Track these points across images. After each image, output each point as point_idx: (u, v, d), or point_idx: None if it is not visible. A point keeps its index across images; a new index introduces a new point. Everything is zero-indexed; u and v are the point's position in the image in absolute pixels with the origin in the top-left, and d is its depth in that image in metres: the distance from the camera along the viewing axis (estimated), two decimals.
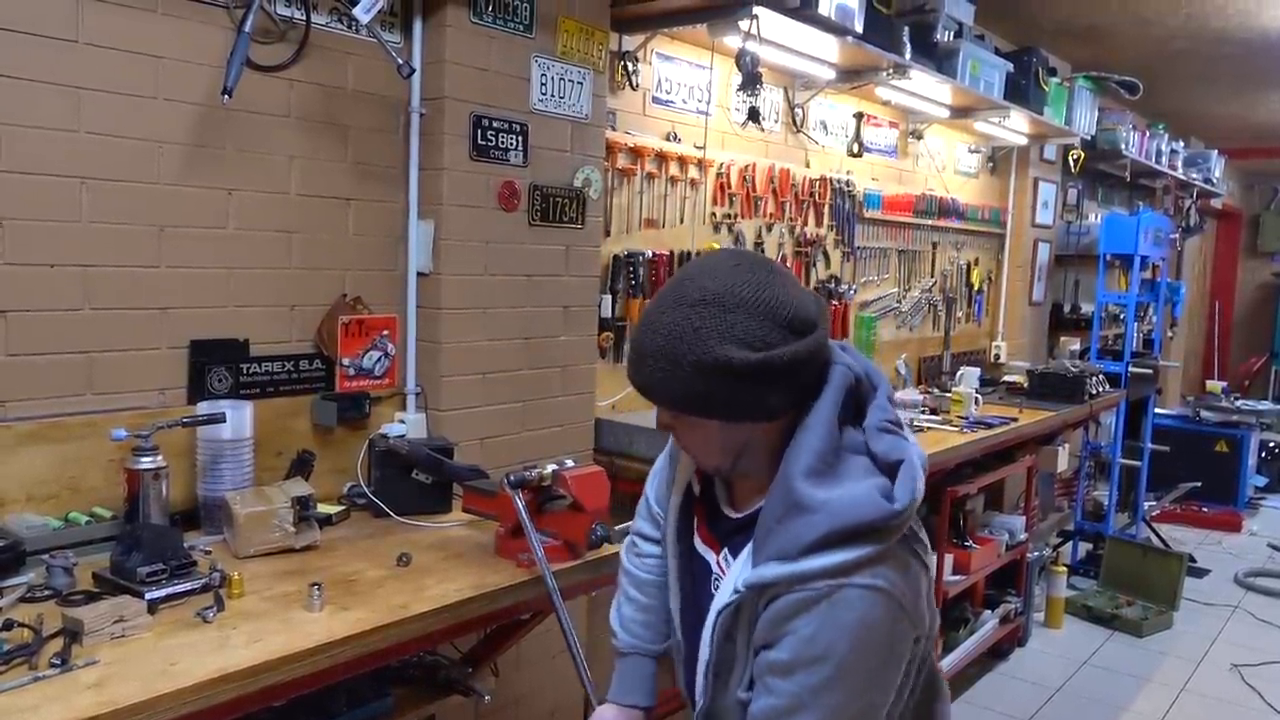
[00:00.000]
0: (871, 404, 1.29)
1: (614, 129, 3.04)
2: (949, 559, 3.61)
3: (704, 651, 1.34)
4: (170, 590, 1.62)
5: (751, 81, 2.98)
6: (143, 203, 2.00)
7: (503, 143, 2.55)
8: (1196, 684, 4.09)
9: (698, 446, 1.33)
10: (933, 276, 4.93)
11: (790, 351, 1.22)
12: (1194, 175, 7.59)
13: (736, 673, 1.31)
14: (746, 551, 1.28)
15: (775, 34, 2.98)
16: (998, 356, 5.50)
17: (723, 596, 1.30)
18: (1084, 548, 5.60)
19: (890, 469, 1.23)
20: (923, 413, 3.96)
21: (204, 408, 2.04)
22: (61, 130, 1.88)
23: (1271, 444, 7.76)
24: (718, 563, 1.37)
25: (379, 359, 2.45)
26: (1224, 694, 4.00)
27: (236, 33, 2.04)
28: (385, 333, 2.45)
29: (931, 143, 4.75)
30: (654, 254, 3.23)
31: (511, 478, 1.83)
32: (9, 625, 1.45)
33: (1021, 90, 4.57)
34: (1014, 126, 4.79)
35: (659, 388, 1.26)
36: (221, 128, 2.11)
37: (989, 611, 4.13)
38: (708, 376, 1.22)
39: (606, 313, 3.07)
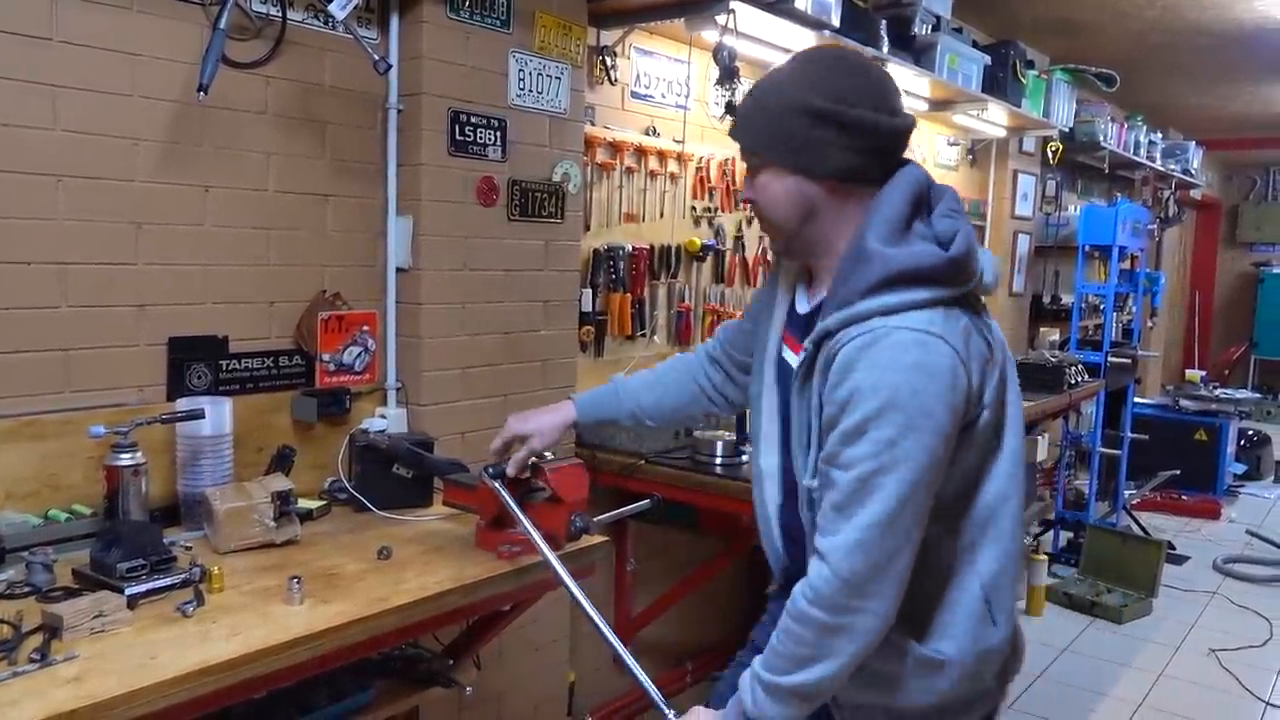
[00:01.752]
0: (940, 202, 1.42)
1: (593, 124, 3.05)
2: None
3: (777, 433, 1.48)
4: (150, 585, 1.63)
5: (729, 76, 3.00)
6: (120, 200, 2.01)
7: (481, 138, 2.56)
8: (1174, 669, 4.14)
9: (770, 207, 1.44)
10: None
11: (865, 114, 1.36)
12: (1172, 166, 7.65)
13: (807, 456, 1.39)
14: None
15: (752, 28, 3.00)
16: None
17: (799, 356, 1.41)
18: (1065, 536, 5.65)
19: (948, 239, 1.35)
20: None
21: (183, 404, 2.04)
22: (37, 128, 1.88)
23: (1250, 432, 7.85)
24: (797, 354, 1.46)
25: (359, 354, 2.46)
26: (1201, 678, 4.06)
27: (212, 29, 2.04)
28: (365, 328, 2.46)
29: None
30: (634, 248, 3.24)
31: (490, 470, 1.84)
32: None
33: (999, 83, 4.60)
34: (992, 119, 4.82)
35: (743, 127, 1.45)
36: (198, 125, 2.11)
37: None
38: (785, 114, 1.38)
39: (587, 307, 3.09)
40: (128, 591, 1.59)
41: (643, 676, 1.56)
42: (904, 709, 1.43)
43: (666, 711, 1.50)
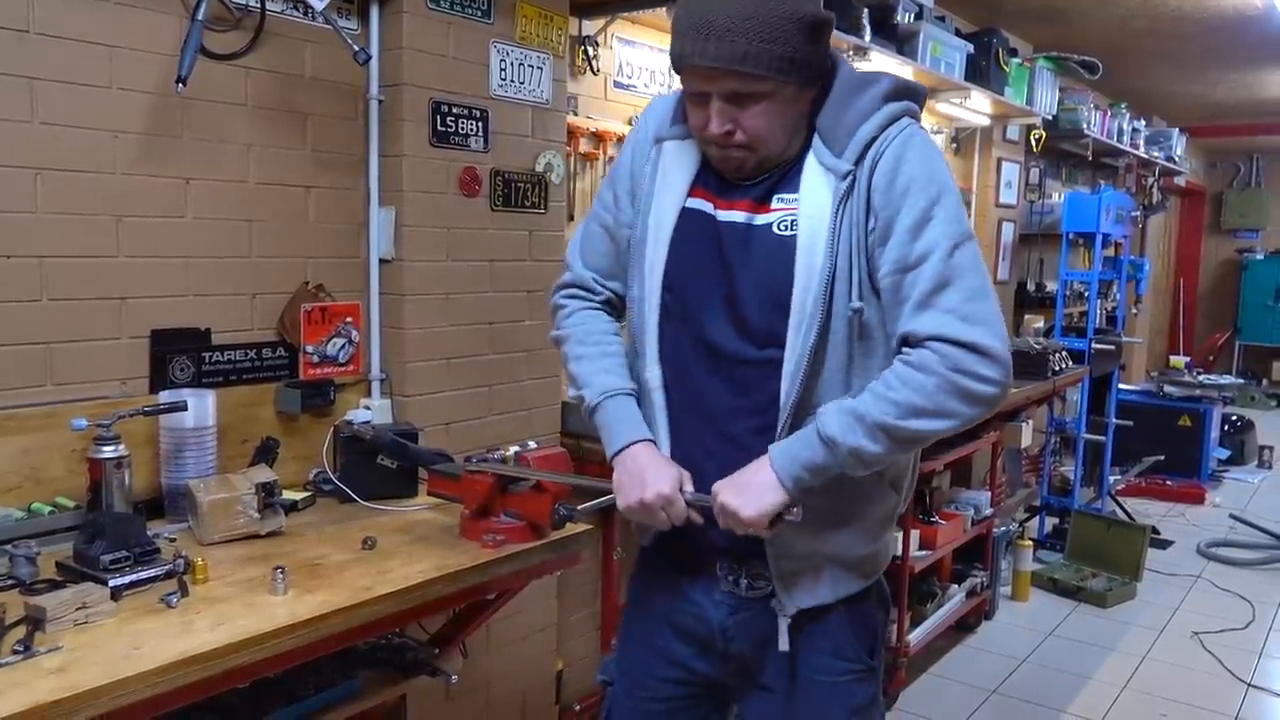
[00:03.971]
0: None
1: (575, 114, 3.05)
2: (915, 535, 3.67)
3: (816, 269, 1.40)
4: (134, 577, 1.63)
5: None
6: (99, 193, 2.00)
7: (463, 128, 2.56)
8: (1158, 652, 4.18)
9: (763, 130, 1.41)
10: None
11: (831, 13, 1.42)
12: (1156, 153, 7.69)
13: (845, 279, 1.40)
14: (809, 166, 1.43)
15: None
16: None
17: (817, 202, 1.41)
18: (1050, 522, 5.69)
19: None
20: None
21: (166, 397, 2.04)
22: (14, 121, 1.87)
23: (1234, 417, 7.90)
24: (771, 210, 1.46)
25: (343, 346, 2.46)
26: (1185, 661, 4.10)
27: (190, 21, 2.04)
28: (349, 320, 2.46)
29: None
30: None
31: (474, 459, 1.85)
32: None
33: (982, 71, 4.62)
34: (976, 107, 4.84)
35: (755, 53, 1.33)
36: (178, 117, 2.11)
37: (956, 586, 4.20)
38: (802, 35, 1.35)
39: None
40: (112, 583, 1.59)
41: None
42: (849, 557, 1.54)
43: (708, 498, 1.45)
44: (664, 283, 1.53)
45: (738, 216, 1.48)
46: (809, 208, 1.42)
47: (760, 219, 1.47)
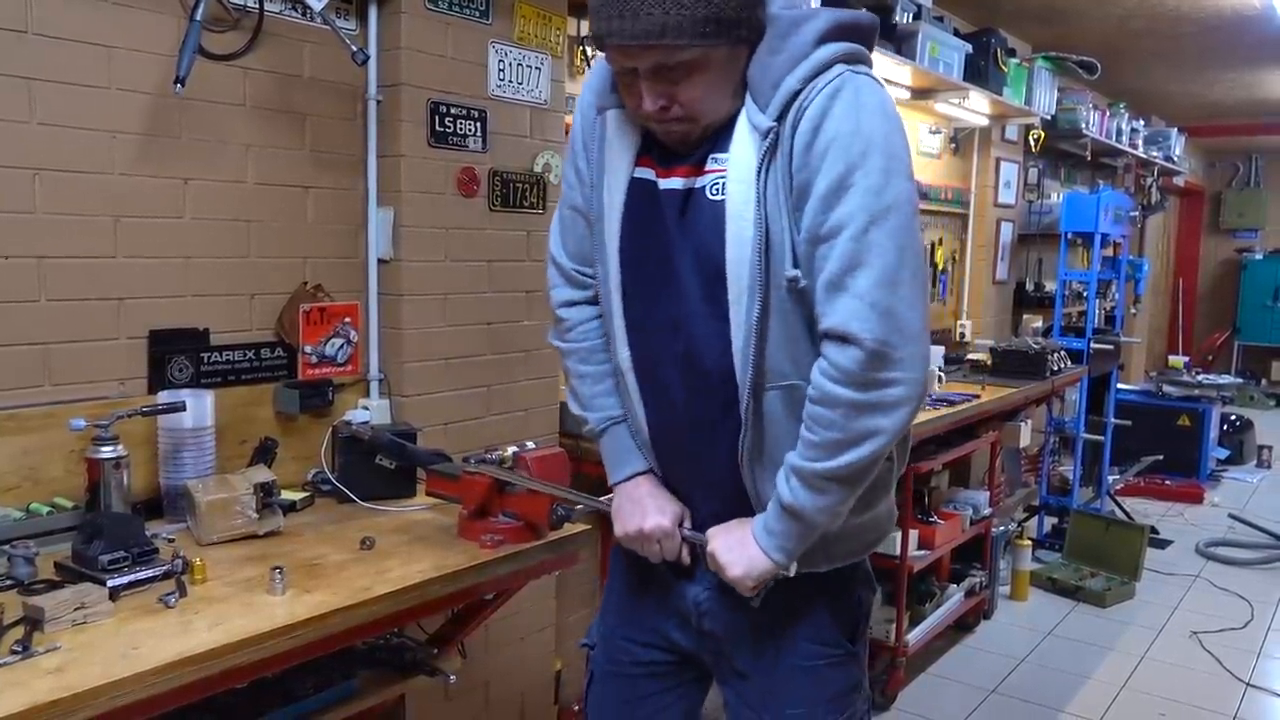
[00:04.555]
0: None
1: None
2: (914, 534, 3.67)
3: (745, 237, 1.30)
4: (132, 577, 1.64)
5: None
6: (98, 193, 2.00)
7: (461, 129, 2.56)
8: (1157, 651, 4.18)
9: (701, 98, 1.30)
10: None
11: None
12: (1155, 153, 7.69)
13: (777, 245, 1.29)
14: (740, 122, 1.31)
15: None
16: (963, 335, 5.58)
17: (743, 162, 1.29)
18: (1049, 522, 5.69)
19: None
20: None
21: (164, 397, 2.04)
22: (12, 121, 1.87)
23: (1233, 417, 7.91)
24: (705, 172, 1.36)
25: (341, 346, 2.46)
26: (1183, 660, 4.10)
27: (188, 21, 2.04)
28: (347, 320, 2.47)
29: None
30: None
31: (472, 459, 1.85)
32: None
33: (981, 71, 4.62)
34: (974, 107, 4.85)
35: (674, 23, 1.21)
36: (176, 117, 2.11)
37: (954, 586, 4.20)
38: None
39: None
40: (110, 583, 1.60)
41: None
42: (835, 528, 1.42)
43: (704, 537, 1.44)
44: (620, 260, 1.46)
45: (676, 184, 1.39)
46: (736, 170, 1.31)
47: (695, 182, 1.38)
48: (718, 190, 1.34)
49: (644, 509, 1.48)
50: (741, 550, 1.40)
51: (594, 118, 1.48)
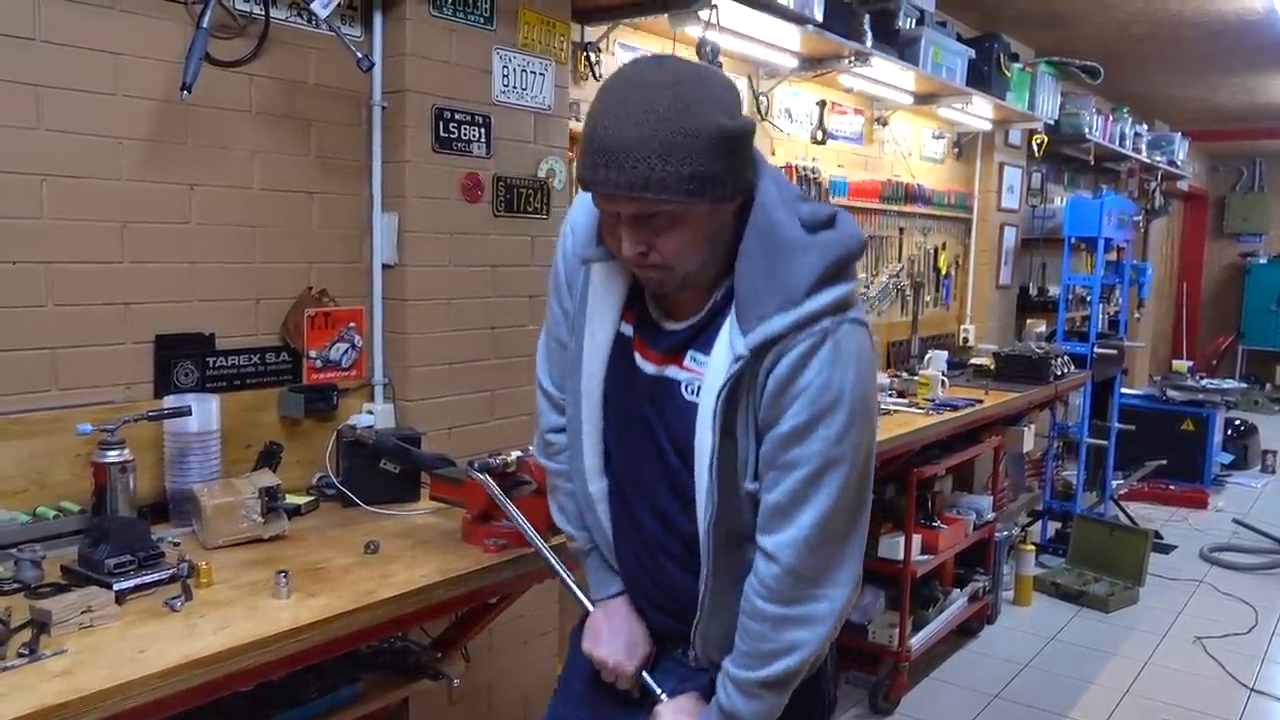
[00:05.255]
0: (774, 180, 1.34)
1: (577, 119, 3.06)
2: (917, 539, 3.67)
3: (705, 448, 1.31)
4: (138, 581, 1.64)
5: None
6: (104, 199, 2.02)
7: (465, 135, 2.57)
8: (1161, 657, 4.18)
9: (679, 250, 1.29)
10: (900, 262, 4.98)
11: (749, 121, 1.27)
12: (1158, 158, 7.70)
13: (740, 462, 1.32)
14: (724, 332, 1.31)
15: (735, 23, 3.02)
16: (966, 340, 5.58)
17: (715, 378, 1.30)
18: (1053, 526, 5.69)
19: (827, 220, 1.30)
20: (890, 396, 4.01)
21: (170, 401, 2.06)
22: (21, 128, 1.89)
23: (1237, 422, 7.89)
24: (684, 368, 1.38)
25: (346, 351, 2.47)
26: (1187, 666, 4.10)
27: (195, 28, 2.05)
28: (352, 325, 2.47)
29: (897, 129, 4.80)
30: None
31: (476, 463, 1.86)
32: None
33: (984, 76, 4.63)
34: (977, 112, 4.85)
35: (658, 178, 1.20)
36: (182, 123, 2.12)
37: (958, 590, 4.20)
38: (709, 151, 1.21)
39: None
40: (116, 587, 1.60)
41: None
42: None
43: (657, 692, 1.51)
44: (604, 406, 1.48)
45: (649, 368, 1.42)
46: (711, 379, 1.32)
47: (670, 372, 1.40)
48: (694, 392, 1.36)
49: (616, 643, 1.54)
50: None
51: (577, 266, 1.47)
